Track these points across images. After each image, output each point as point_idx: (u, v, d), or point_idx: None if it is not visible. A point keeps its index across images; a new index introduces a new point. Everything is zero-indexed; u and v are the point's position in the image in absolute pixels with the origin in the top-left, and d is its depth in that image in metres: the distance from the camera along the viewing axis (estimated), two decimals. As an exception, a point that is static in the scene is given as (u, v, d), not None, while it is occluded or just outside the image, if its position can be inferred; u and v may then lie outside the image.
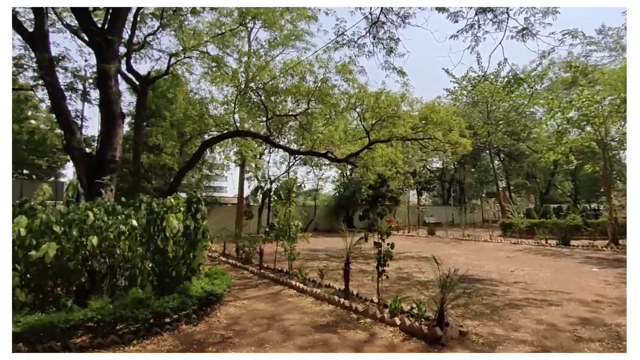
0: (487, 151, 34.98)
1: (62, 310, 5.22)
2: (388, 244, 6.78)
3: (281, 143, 18.05)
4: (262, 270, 10.24)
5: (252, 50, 19.32)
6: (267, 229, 11.66)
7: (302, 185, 27.91)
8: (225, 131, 16.68)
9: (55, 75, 8.50)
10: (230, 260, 12.31)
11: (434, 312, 5.60)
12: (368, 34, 10.04)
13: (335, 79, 14.58)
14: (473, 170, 42.65)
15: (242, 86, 15.24)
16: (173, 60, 15.98)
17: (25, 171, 29.31)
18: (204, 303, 6.27)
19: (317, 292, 7.65)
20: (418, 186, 35.63)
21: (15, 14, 9.99)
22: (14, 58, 18.69)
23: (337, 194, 31.80)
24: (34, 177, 29.39)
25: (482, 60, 30.53)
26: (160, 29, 15.23)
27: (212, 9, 14.78)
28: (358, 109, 15.13)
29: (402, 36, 23.58)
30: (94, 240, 5.33)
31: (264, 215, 24.72)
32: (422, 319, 5.67)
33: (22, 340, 4.73)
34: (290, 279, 8.91)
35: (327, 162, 24.50)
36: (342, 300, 6.98)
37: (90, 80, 20.50)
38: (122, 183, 18.14)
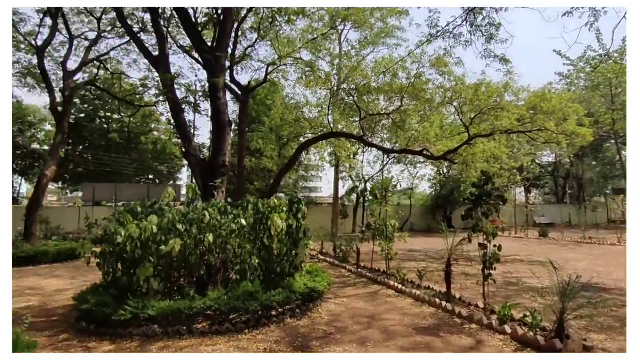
0: (613, 141, 30.35)
1: (185, 298, 5.92)
2: (495, 246, 6.34)
3: (375, 142, 17.99)
4: (359, 270, 10.33)
5: (343, 52, 19.63)
6: (363, 229, 11.71)
7: (398, 184, 27.42)
8: (320, 133, 17.17)
9: (175, 91, 9.69)
10: (328, 259, 12.65)
11: (550, 323, 5.07)
12: (465, 23, 9.47)
13: (430, 73, 14.03)
14: (594, 163, 37.43)
15: (335, 88, 15.54)
16: (270, 68, 16.95)
17: (150, 176, 33.73)
18: (307, 299, 6.54)
19: (416, 294, 7.47)
20: (526, 183, 32.44)
21: (142, 40, 11.65)
22: (140, 80, 21.75)
23: (433, 193, 30.57)
24: (156, 181, 33.69)
25: (603, 37, 26.60)
26: (259, 40, 16.28)
27: (304, 16, 15.36)
28: (455, 103, 14.36)
29: (504, 20, 21.73)
30: (210, 237, 5.94)
31: (359, 214, 24.89)
32: (537, 329, 5.17)
33: (156, 322, 5.47)
34: (388, 279, 8.83)
35: (422, 160, 23.70)
36: (444, 303, 6.71)
37: (200, 94, 22.80)
38: (228, 185, 19.85)
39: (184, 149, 8.91)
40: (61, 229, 18.11)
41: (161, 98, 21.43)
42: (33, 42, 16.74)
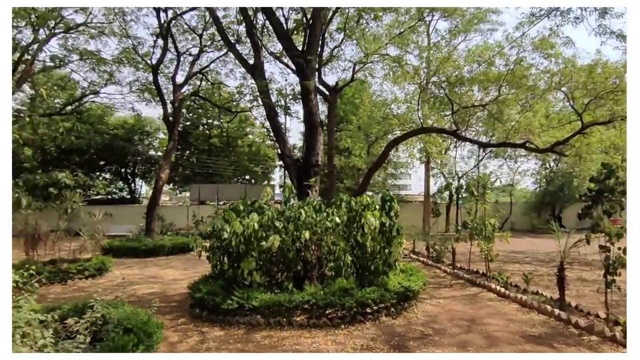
0: None
1: (284, 292, 6.23)
2: (619, 248, 5.55)
3: (469, 136, 16.96)
4: (455, 270, 9.84)
5: (431, 44, 18.84)
6: (459, 228, 11.14)
7: (498, 179, 25.48)
8: (409, 129, 16.73)
9: (270, 96, 10.27)
10: (421, 258, 12.28)
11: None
12: (574, -3, 8.44)
13: (532, 57, 12.75)
14: None
15: (424, 82, 14.99)
16: (357, 67, 16.97)
17: (246, 177, 36.13)
18: (401, 298, 6.43)
19: (522, 299, 6.87)
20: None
21: (239, 51, 12.57)
22: (236, 87, 23.45)
23: (538, 189, 27.77)
24: (252, 181, 35.95)
25: None
26: (344, 40, 16.42)
27: (390, 11, 15.09)
28: (564, 88, 12.84)
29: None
30: (307, 234, 6.17)
31: (452, 213, 23.72)
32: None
33: (258, 313, 5.86)
34: (489, 282, 8.27)
35: (524, 153, 21.71)
36: (556, 311, 6.07)
37: (290, 97, 23.75)
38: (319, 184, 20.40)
39: (279, 151, 9.40)
40: (173, 225, 20.34)
41: (255, 103, 22.88)
42: (149, 62, 19.05)
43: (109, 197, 32.16)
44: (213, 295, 6.06)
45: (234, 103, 23.85)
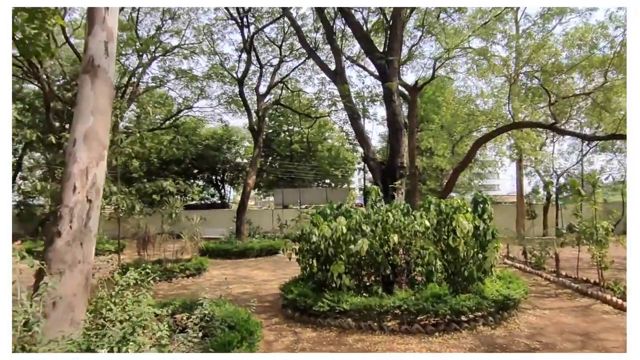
0: None
1: (372, 296, 6.16)
2: None
3: (569, 129, 15.34)
4: (560, 278, 8.90)
5: (521, 31, 17.41)
6: (563, 231, 10.07)
7: (610, 176, 22.55)
8: (497, 125, 15.63)
9: (352, 100, 10.34)
10: (517, 264, 11.34)
11: None
12: None
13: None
14: None
15: (514, 73, 13.91)
16: (437, 63, 16.32)
17: (326, 180, 36.74)
18: (500, 306, 6.00)
19: (649, 313, 5.96)
20: None
21: (319, 57, 12.86)
22: (314, 94, 24.04)
23: (656, 186, 24.00)
24: (332, 184, 36.45)
25: None
26: (423, 37, 15.93)
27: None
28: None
29: None
30: (395, 237, 6.05)
31: (550, 214, 21.56)
32: None
33: (349, 316, 5.88)
34: (603, 292, 7.34)
35: (637, 145, 18.94)
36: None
37: (368, 99, 23.65)
38: (400, 186, 19.97)
39: (363, 154, 9.40)
40: (260, 228, 21.40)
41: (333, 108, 23.22)
42: (234, 75, 20.38)
43: (202, 202, 34.95)
44: (304, 297, 6.22)
45: (313, 109, 24.47)
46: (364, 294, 6.33)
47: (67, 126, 20.30)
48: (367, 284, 6.75)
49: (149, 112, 20.77)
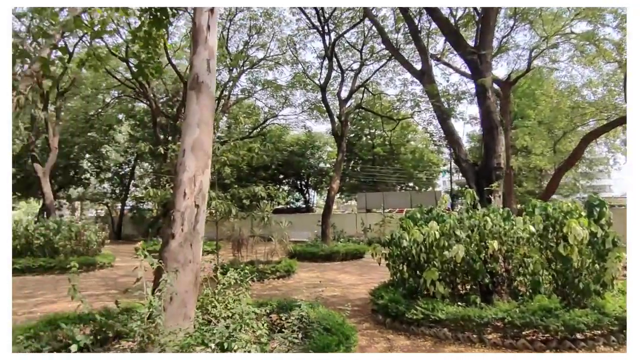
0: None
1: (469, 305, 5.78)
2: None
3: None
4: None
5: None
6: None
7: None
8: (609, 118, 13.81)
9: (440, 100, 9.93)
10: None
11: None
12: None
13: None
14: None
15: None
16: (534, 54, 14.98)
17: (410, 184, 35.81)
18: (625, 325, 5.21)
19: None
20: None
21: (404, 57, 12.58)
22: (395, 95, 23.64)
23: None
24: (416, 188, 35.41)
25: None
26: (515, 25, 14.77)
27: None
28: None
29: None
30: (495, 244, 5.62)
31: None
32: None
33: (445, 326, 5.58)
34: None
35: None
36: None
37: (454, 97, 22.59)
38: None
39: (453, 155, 8.96)
40: (344, 232, 21.54)
41: (416, 109, 22.59)
42: (317, 82, 20.91)
43: (287, 206, 36.37)
44: (396, 303, 6.07)
45: (395, 111, 24.06)
46: (460, 303, 5.98)
47: (170, 138, 22.68)
48: (462, 292, 6.38)
49: (241, 121, 22.23)
